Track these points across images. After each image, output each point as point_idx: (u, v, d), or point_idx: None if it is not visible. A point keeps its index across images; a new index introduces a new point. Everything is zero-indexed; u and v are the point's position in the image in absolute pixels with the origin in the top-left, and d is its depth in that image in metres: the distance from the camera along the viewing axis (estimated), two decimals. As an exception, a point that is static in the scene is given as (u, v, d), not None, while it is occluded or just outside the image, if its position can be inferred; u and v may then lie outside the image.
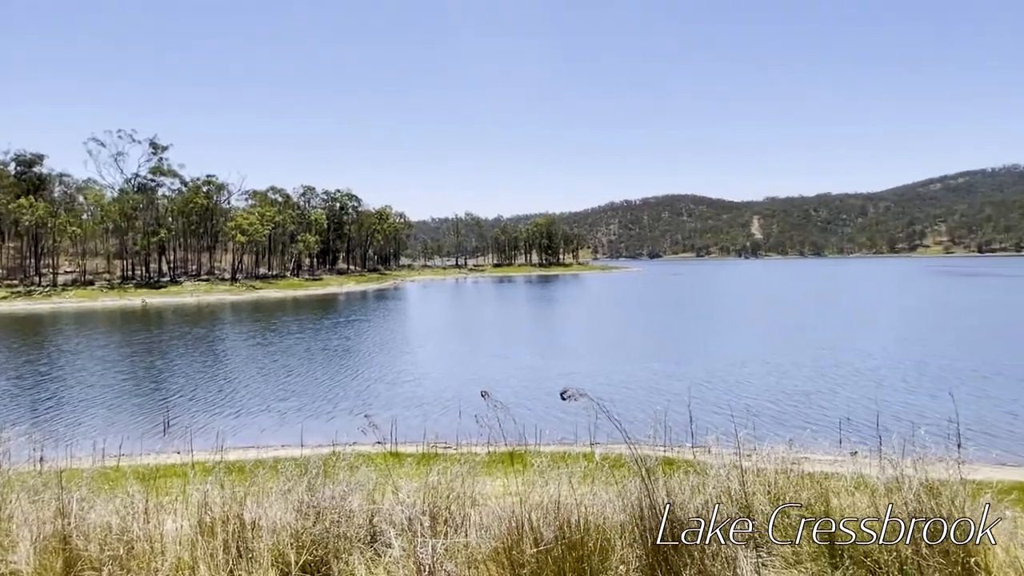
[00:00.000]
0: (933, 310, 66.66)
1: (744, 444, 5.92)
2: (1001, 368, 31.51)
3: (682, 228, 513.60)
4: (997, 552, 4.59)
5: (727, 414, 21.52)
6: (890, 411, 21.68)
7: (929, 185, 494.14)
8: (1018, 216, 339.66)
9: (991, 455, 15.97)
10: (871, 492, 4.80)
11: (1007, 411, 22.62)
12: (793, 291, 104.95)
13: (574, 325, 61.22)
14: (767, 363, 34.53)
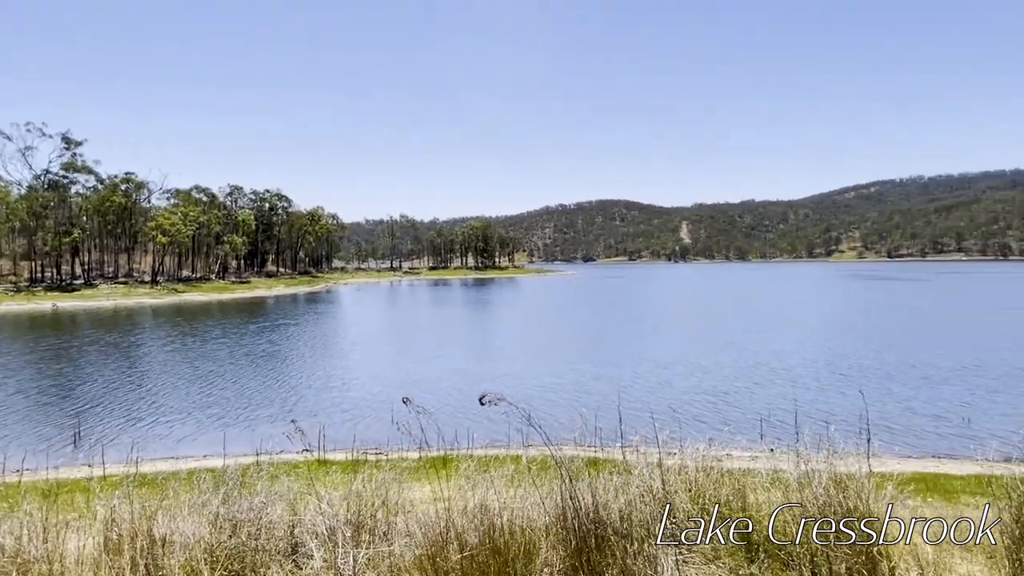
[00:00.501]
0: (844, 312, 70.68)
1: (667, 444, 6.05)
2: (902, 366, 33.63)
3: (615, 232, 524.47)
4: (895, 537, 4.86)
5: (652, 414, 22.08)
6: (806, 409, 22.76)
7: (844, 194, 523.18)
8: (922, 224, 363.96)
9: (896, 448, 17.07)
10: (785, 487, 4.99)
11: (906, 408, 24.13)
12: (717, 294, 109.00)
13: (508, 328, 61.47)
14: (691, 364, 35.63)
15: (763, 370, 33.25)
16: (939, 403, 24.75)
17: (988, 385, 28.10)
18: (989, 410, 23.24)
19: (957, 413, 22.80)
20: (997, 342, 42.51)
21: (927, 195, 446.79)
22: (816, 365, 34.35)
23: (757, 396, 26.71)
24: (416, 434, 5.10)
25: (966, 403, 24.51)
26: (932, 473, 11.45)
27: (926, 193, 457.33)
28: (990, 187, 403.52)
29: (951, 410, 23.49)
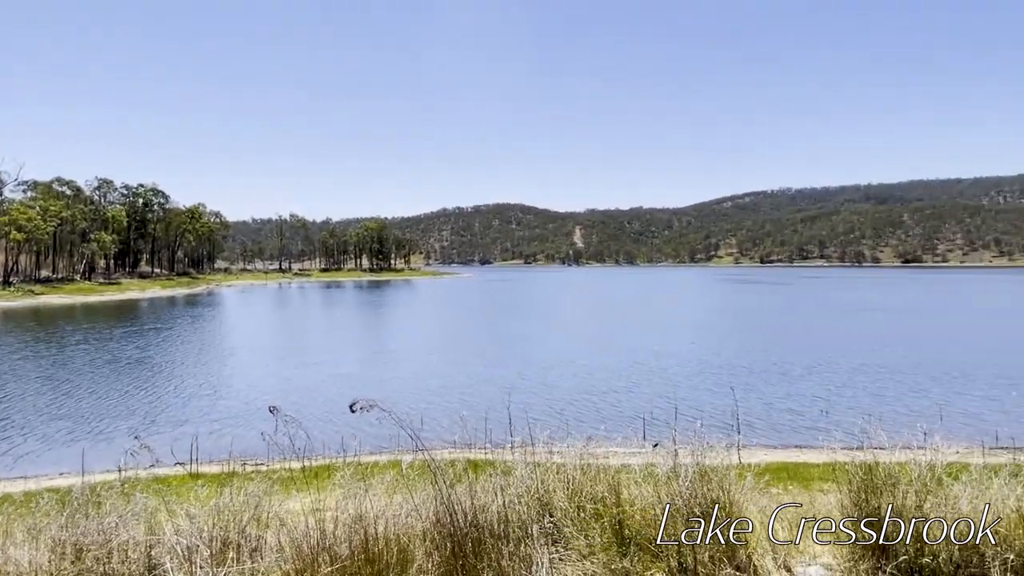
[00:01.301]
0: (718, 314, 75.64)
1: (548, 443, 6.13)
2: (767, 364, 36.38)
3: (512, 236, 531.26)
4: (756, 527, 5.17)
5: (536, 415, 22.52)
6: (683, 406, 24.05)
7: (723, 203, 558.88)
8: (790, 232, 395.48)
9: (763, 440, 18.41)
10: (655, 482, 5.18)
11: (765, 402, 26.20)
12: (603, 297, 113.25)
13: (400, 330, 60.65)
14: (575, 364, 36.70)
15: (643, 369, 34.79)
16: (798, 398, 26.98)
17: (839, 380, 30.98)
18: (838, 403, 25.62)
19: (815, 406, 24.92)
20: (846, 340, 47.03)
21: (795, 206, 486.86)
22: (692, 364, 36.38)
23: (637, 395, 27.89)
24: (295, 444, 4.86)
25: (820, 397, 26.87)
26: (793, 462, 12.41)
27: (794, 204, 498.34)
28: (848, 200, 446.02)
29: (810, 404, 25.67)
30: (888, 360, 37.02)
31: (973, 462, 5.26)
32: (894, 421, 19.73)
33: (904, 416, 21.69)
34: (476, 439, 15.43)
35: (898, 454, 4.88)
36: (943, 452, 5.48)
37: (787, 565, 4.75)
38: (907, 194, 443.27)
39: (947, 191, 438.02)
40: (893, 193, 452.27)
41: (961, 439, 18.65)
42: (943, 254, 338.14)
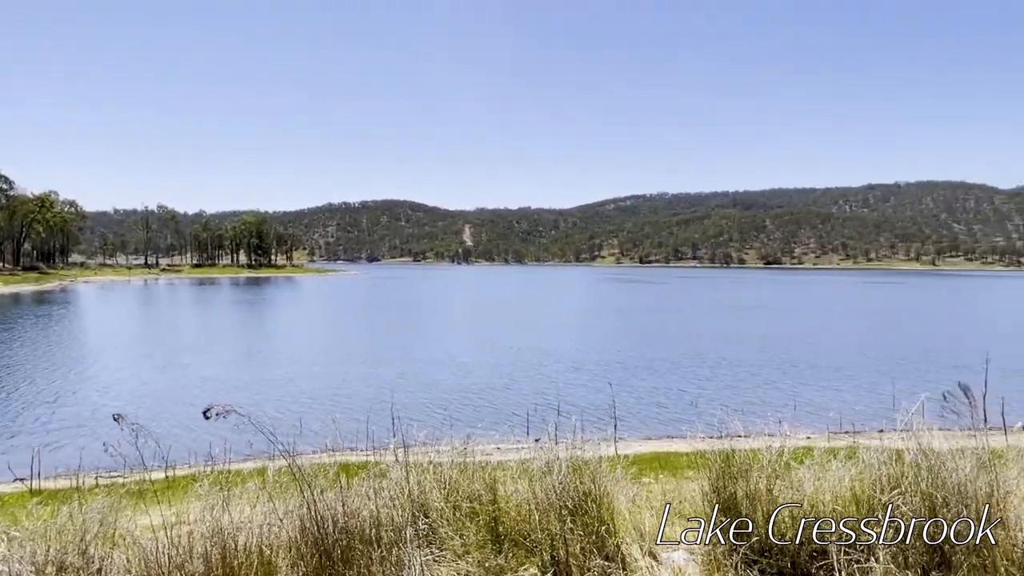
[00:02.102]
0: (599, 311, 78.84)
1: (426, 443, 6.03)
2: (643, 359, 38.29)
3: (400, 233, 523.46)
4: (624, 514, 5.35)
5: (417, 413, 22.35)
6: (565, 401, 24.77)
7: (606, 205, 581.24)
8: (667, 235, 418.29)
9: (638, 432, 19.34)
10: (530, 478, 5.24)
11: (640, 396, 27.66)
12: (491, 295, 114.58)
13: (276, 330, 57.98)
14: (458, 362, 36.81)
15: (525, 367, 35.45)
16: (670, 391, 28.61)
17: (704, 373, 33.19)
18: (704, 395, 27.45)
19: (684, 399, 26.50)
20: (711, 336, 50.52)
21: (671, 210, 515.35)
22: (572, 361, 37.54)
23: (518, 392, 28.36)
24: (143, 453, 4.45)
25: (687, 390, 28.63)
26: (664, 452, 13.12)
27: (670, 208, 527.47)
28: (718, 205, 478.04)
29: (680, 396, 27.27)
30: (747, 354, 40.04)
31: (817, 446, 5.73)
32: (751, 411, 21.41)
33: (759, 407, 23.50)
34: (353, 442, 15.01)
35: (753, 441, 5.23)
36: (791, 439, 5.97)
37: (652, 552, 4.94)
38: (769, 201, 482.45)
39: (803, 199, 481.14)
40: (757, 200, 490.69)
41: (808, 426, 20.57)
42: (799, 256, 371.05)
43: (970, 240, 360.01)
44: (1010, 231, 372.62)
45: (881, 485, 4.71)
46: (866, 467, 4.83)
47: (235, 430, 18.14)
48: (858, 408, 24.14)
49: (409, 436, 6.42)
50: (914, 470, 4.69)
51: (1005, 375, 30.38)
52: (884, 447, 4.95)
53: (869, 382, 30.58)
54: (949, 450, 4.75)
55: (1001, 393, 22.28)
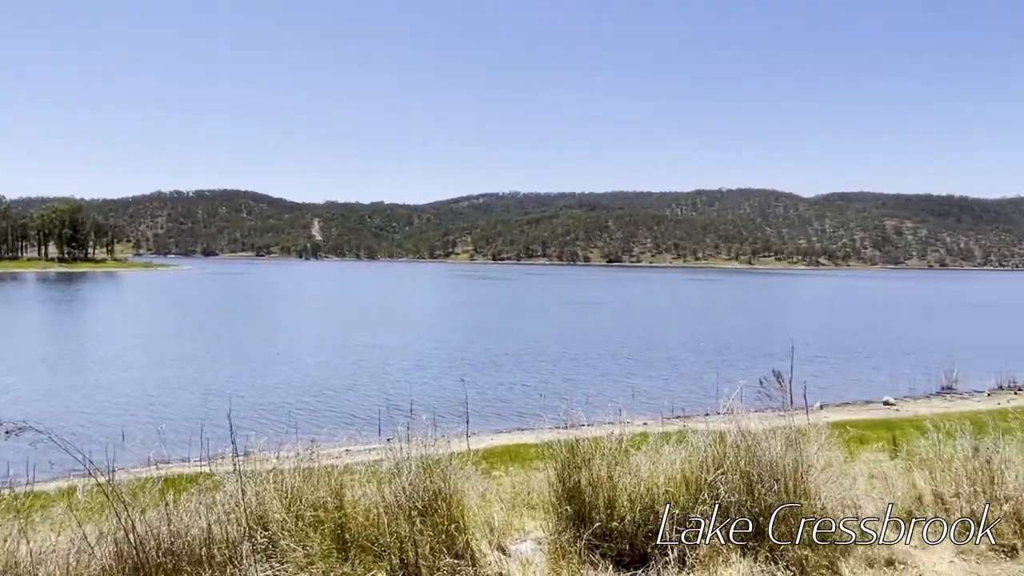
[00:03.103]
0: (451, 308, 79.52)
1: (267, 450, 5.65)
2: (494, 354, 39.10)
3: (241, 226, 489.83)
4: (474, 509, 5.37)
5: (256, 418, 21.15)
6: (419, 399, 24.58)
7: (460, 203, 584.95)
8: (518, 233, 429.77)
9: (492, 426, 19.68)
10: (379, 480, 5.09)
11: (494, 390, 28.26)
12: (340, 292, 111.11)
13: (89, 332, 51.86)
14: (304, 362, 35.32)
15: (373, 365, 34.74)
16: (522, 384, 29.46)
17: (548, 368, 34.52)
18: (550, 386, 28.58)
19: (535, 391, 27.36)
20: (557, 330, 52.88)
21: (522, 209, 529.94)
22: (425, 357, 37.41)
23: (369, 391, 27.67)
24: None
25: (539, 383, 29.64)
26: (516, 444, 13.44)
27: (522, 207, 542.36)
28: (565, 205, 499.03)
29: (531, 389, 28.15)
30: (589, 348, 42.26)
31: (652, 432, 6.11)
32: (594, 402, 22.59)
33: (601, 397, 24.84)
34: (184, 453, 13.77)
35: (596, 430, 5.48)
36: (630, 426, 6.34)
37: (501, 545, 5.01)
38: (611, 203, 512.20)
39: (640, 202, 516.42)
40: (601, 202, 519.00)
41: (645, 413, 22.11)
42: (638, 255, 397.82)
43: (779, 242, 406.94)
44: (811, 235, 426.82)
45: (707, 466, 5.12)
46: (694, 450, 5.23)
47: (40, 448, 15.97)
48: (688, 395, 26.33)
49: (248, 444, 5.99)
50: (734, 450, 5.16)
51: (806, 361, 34.72)
52: (709, 431, 5.39)
53: (697, 371, 33.48)
54: (763, 431, 5.28)
55: (803, 377, 25.35)
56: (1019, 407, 18.16)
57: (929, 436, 6.19)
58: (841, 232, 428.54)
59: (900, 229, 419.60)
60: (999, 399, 25.73)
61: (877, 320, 70.63)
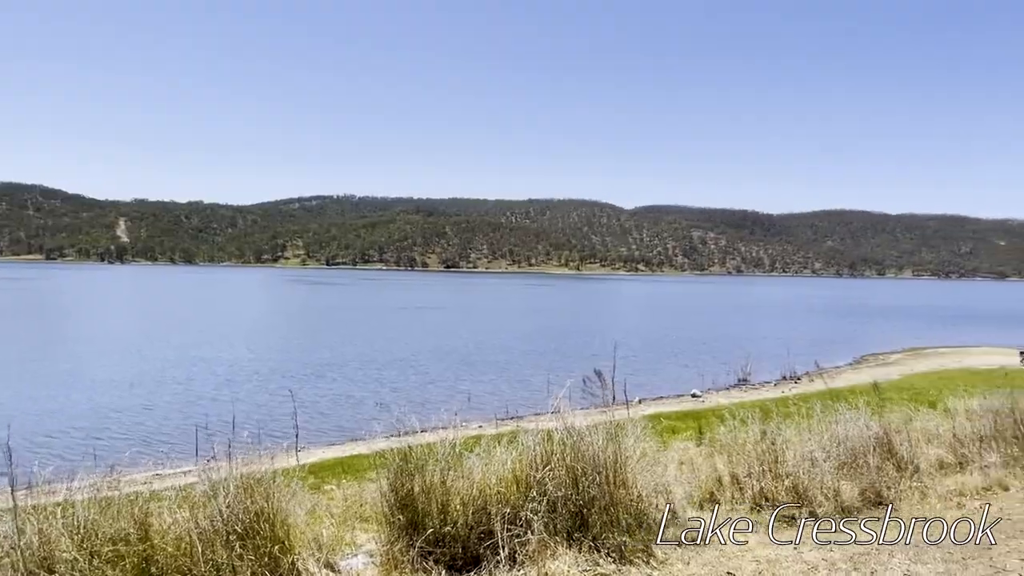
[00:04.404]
0: (277, 316, 75.50)
1: (57, 480, 4.97)
2: (324, 363, 37.55)
3: (28, 224, 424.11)
4: (301, 527, 5.11)
5: (45, 445, 18.58)
6: (244, 413, 22.87)
7: (290, 204, 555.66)
8: (354, 237, 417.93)
9: (325, 439, 18.87)
10: (192, 504, 4.66)
11: (326, 400, 27.18)
12: (149, 299, 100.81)
13: None
14: (97, 379, 31.36)
15: (193, 378, 31.90)
16: (355, 393, 28.59)
17: (389, 375, 33.91)
18: (387, 394, 28.09)
19: (370, 400, 26.65)
20: (391, 335, 52.34)
21: (358, 212, 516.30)
22: (249, 369, 35.00)
23: (181, 408, 25.24)
24: None
25: (371, 391, 28.88)
26: (350, 456, 13.00)
27: (357, 210, 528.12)
28: (403, 211, 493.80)
29: (366, 397, 27.40)
30: (427, 353, 42.23)
31: (486, 434, 6.23)
32: (430, 407, 22.59)
33: (436, 403, 24.93)
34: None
35: (430, 436, 5.46)
36: (464, 429, 6.41)
37: (330, 562, 4.82)
38: (449, 209, 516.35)
39: (477, 209, 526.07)
40: (438, 208, 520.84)
41: (480, 416, 22.49)
42: (475, 261, 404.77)
43: (604, 250, 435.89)
44: (631, 243, 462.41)
45: (536, 464, 5.33)
46: (524, 449, 5.41)
47: None
48: (522, 396, 27.21)
49: (32, 475, 5.19)
50: (561, 447, 5.42)
51: (628, 360, 37.48)
52: (538, 429, 5.61)
53: (530, 373, 34.70)
54: (587, 426, 5.60)
55: (625, 374, 27.29)
56: (798, 394, 20.92)
57: (727, 424, 6.96)
58: (656, 241, 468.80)
59: (705, 239, 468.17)
60: (783, 388, 29.60)
61: (686, 320, 78.25)
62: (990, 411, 7.77)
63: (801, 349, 41.34)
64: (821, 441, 6.64)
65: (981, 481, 6.73)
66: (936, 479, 6.84)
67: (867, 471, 6.33)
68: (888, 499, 6.12)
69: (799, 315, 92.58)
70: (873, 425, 6.90)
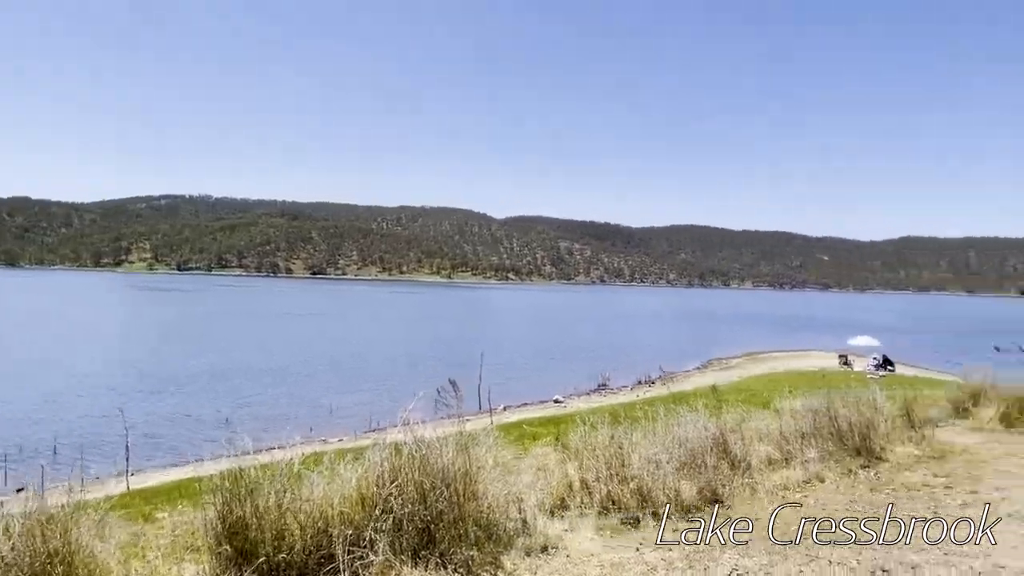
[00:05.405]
0: (118, 324, 68.62)
1: None
2: (166, 379, 34.33)
3: None
4: (110, 566, 4.52)
5: None
6: (71, 439, 20.31)
7: (136, 203, 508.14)
8: (210, 240, 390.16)
9: (162, 461, 17.16)
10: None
11: (147, 421, 24.91)
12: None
13: None
14: None
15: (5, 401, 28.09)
16: (193, 410, 26.26)
17: (234, 389, 31.57)
18: (235, 410, 26.09)
19: (212, 418, 24.57)
20: (252, 346, 49.35)
21: (215, 214, 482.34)
22: (82, 385, 31.42)
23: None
24: None
25: (217, 408, 26.71)
26: (191, 479, 11.87)
27: (214, 212, 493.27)
28: (265, 213, 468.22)
29: (208, 416, 25.24)
30: (289, 364, 40.20)
31: (329, 451, 5.90)
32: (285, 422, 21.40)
33: (290, 417, 23.67)
34: None
35: (274, 455, 5.06)
36: (312, 445, 6.03)
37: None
38: (316, 213, 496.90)
39: (346, 214, 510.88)
40: (304, 211, 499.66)
41: (341, 430, 21.66)
42: (343, 268, 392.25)
43: (475, 258, 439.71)
44: (502, 252, 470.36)
45: (383, 480, 5.09)
46: (371, 465, 5.16)
47: None
48: (388, 406, 26.52)
49: None
50: (410, 461, 5.22)
51: (497, 366, 37.86)
52: (388, 443, 5.38)
53: (393, 384, 33.85)
54: (437, 438, 5.44)
55: (493, 381, 27.51)
56: (651, 397, 22.12)
57: (579, 429, 7.10)
58: (526, 251, 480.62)
59: (571, 250, 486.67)
60: (639, 392, 31.25)
61: (554, 328, 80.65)
62: (810, 410, 8.55)
63: (657, 355, 43.97)
64: (665, 443, 6.95)
65: (803, 475, 7.36)
66: (765, 475, 7.39)
67: (705, 470, 6.70)
68: (723, 496, 6.51)
69: (657, 322, 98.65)
70: (711, 426, 7.33)
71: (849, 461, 7.68)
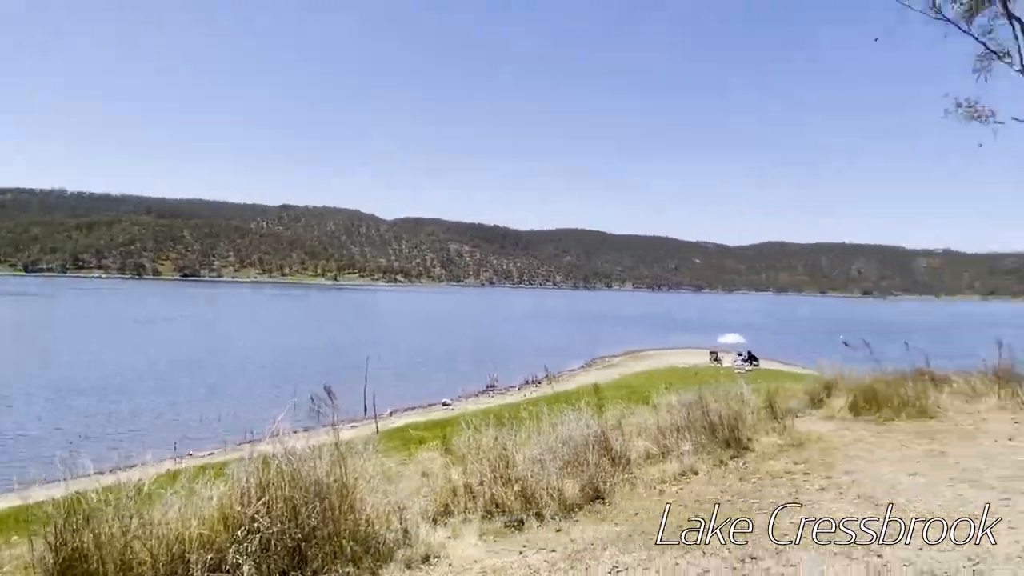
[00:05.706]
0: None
1: None
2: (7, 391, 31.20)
3: None
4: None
5: None
6: None
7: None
8: (64, 239, 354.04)
9: None
10: None
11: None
12: None
13: None
14: None
15: None
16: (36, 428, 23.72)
17: (87, 403, 28.74)
18: (81, 423, 23.73)
19: (61, 434, 22.13)
20: (109, 357, 45.26)
21: (70, 211, 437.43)
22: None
23: None
24: None
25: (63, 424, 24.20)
26: (37, 504, 10.52)
27: (70, 208, 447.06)
28: (129, 211, 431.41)
29: (56, 432, 22.69)
30: (154, 371, 37.21)
31: (188, 467, 5.39)
32: (143, 437, 19.74)
33: (160, 429, 21.91)
34: None
35: (108, 478, 4.52)
36: (161, 464, 5.48)
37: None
38: (187, 211, 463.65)
39: (221, 213, 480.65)
40: (174, 209, 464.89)
41: (212, 443, 20.24)
42: (218, 269, 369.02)
43: (363, 260, 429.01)
44: (390, 254, 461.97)
45: (249, 497, 4.69)
46: (235, 482, 4.75)
47: None
48: (267, 416, 25.05)
49: None
50: (279, 475, 4.85)
51: (382, 371, 36.95)
52: (256, 456, 4.97)
53: (274, 393, 32.03)
54: (310, 449, 5.10)
55: (380, 386, 26.81)
56: (536, 398, 22.37)
57: (463, 433, 6.96)
58: (415, 252, 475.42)
59: (460, 252, 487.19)
60: (526, 392, 31.66)
61: (442, 330, 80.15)
62: (685, 405, 8.92)
63: (543, 354, 44.73)
64: (549, 442, 6.96)
65: (678, 468, 7.64)
66: (644, 469, 7.60)
67: (587, 468, 6.78)
68: (604, 492, 6.60)
69: (544, 323, 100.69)
70: (593, 424, 7.45)
71: (720, 452, 8.06)
